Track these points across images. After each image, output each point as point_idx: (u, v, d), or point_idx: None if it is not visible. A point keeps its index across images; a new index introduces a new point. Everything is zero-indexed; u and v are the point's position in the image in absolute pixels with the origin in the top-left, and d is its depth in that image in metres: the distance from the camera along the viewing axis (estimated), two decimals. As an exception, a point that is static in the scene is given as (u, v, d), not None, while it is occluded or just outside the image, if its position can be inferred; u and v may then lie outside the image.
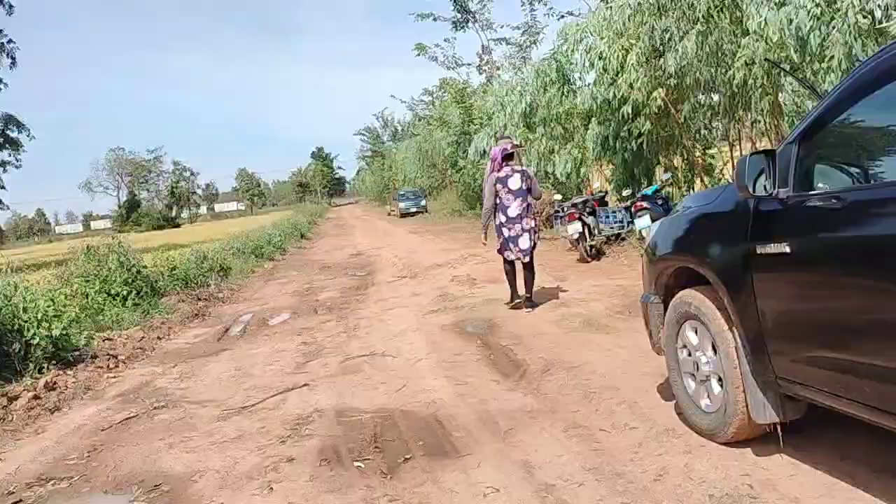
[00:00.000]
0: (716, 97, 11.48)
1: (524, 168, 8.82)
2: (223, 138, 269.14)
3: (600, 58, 11.85)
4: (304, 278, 15.65)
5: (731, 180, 5.04)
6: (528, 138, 16.18)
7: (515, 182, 8.38)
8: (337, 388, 6.15)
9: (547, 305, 8.57)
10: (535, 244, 8.67)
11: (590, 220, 12.31)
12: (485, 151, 18.04)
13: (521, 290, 8.79)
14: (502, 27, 27.68)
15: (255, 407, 5.93)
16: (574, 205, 12.63)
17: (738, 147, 12.32)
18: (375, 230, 32.37)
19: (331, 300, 11.72)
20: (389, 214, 47.13)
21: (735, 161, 11.72)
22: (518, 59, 27.19)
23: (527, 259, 8.56)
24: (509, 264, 8.80)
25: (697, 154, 13.03)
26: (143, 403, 6.50)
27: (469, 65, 30.77)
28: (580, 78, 15.45)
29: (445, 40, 29.01)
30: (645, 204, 11.52)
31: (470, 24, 27.74)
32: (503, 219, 8.50)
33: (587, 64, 12.75)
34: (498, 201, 8.49)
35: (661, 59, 11.12)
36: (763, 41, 8.49)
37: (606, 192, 14.22)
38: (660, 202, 11.86)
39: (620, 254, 12.47)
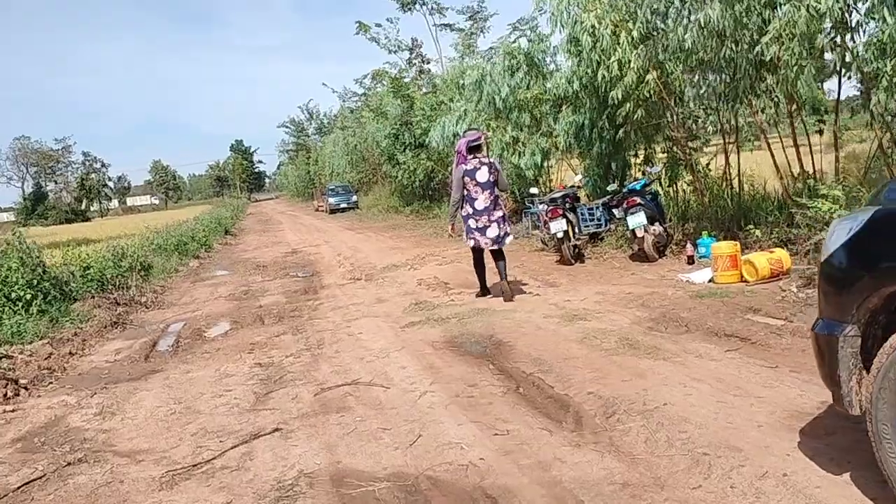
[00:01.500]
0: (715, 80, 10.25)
1: (491, 160, 8.61)
2: (138, 130, 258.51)
3: (591, 34, 10.47)
4: (238, 279, 13.83)
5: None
6: (489, 126, 14.72)
7: (483, 174, 8.29)
8: (322, 437, 4.54)
9: (556, 317, 7.13)
10: (506, 233, 8.56)
11: (572, 217, 10.96)
12: (455, 136, 16.54)
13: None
14: (449, 10, 26.14)
15: (212, 465, 4.28)
16: (554, 200, 11.25)
17: (735, 139, 11.17)
18: (306, 227, 30.41)
19: (277, 306, 10.02)
20: (317, 210, 45.05)
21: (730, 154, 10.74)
22: (464, 48, 25.66)
23: (496, 247, 8.48)
24: (477, 254, 8.71)
25: (692, 146, 11.80)
26: (53, 455, 4.79)
27: (408, 49, 29.01)
28: (552, 61, 14.11)
29: (388, 20, 27.25)
30: (638, 200, 10.22)
31: (418, 7, 26.07)
32: (470, 210, 8.40)
33: (570, 42, 11.38)
34: (465, 193, 8.37)
35: (660, 37, 9.83)
36: (804, 9, 7.26)
37: (579, 188, 12.88)
38: (649, 197, 10.61)
39: (602, 255, 11.17)
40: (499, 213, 8.45)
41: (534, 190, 13.08)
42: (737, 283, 7.80)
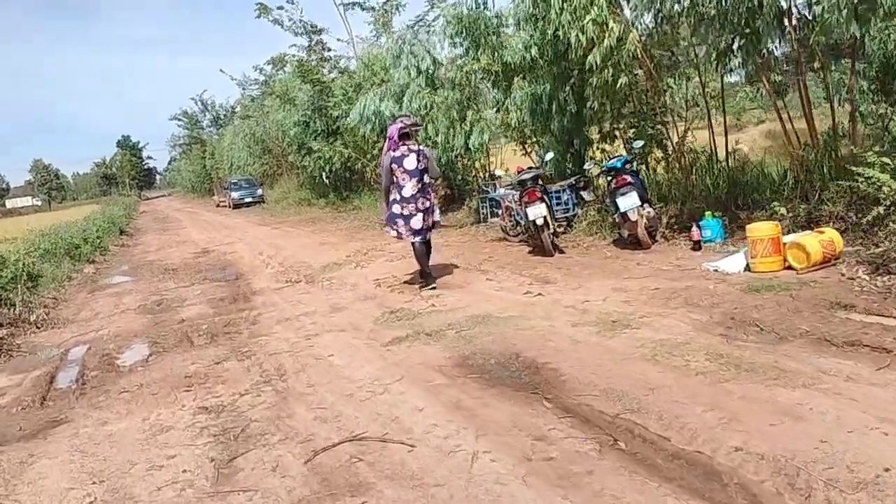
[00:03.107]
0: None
1: (420, 148, 8.37)
2: (16, 129, 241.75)
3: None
4: (146, 286, 11.72)
5: None
6: (432, 103, 13.07)
7: (411, 162, 8.12)
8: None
9: (588, 325, 5.60)
10: (431, 225, 8.39)
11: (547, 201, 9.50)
12: (376, 115, 14.79)
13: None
14: (356, -14, 24.11)
15: None
16: (523, 182, 9.75)
17: (722, 108, 9.96)
18: (210, 224, 27.92)
19: (204, 320, 8.14)
20: (218, 206, 42.15)
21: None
22: (379, 27, 23.77)
23: (419, 239, 8.26)
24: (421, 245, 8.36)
25: (664, 119, 10.50)
26: None
27: (308, 33, 26.64)
28: (501, 26, 12.53)
29: (289, 1, 24.99)
30: (629, 179, 8.84)
31: (321, -17, 24.01)
32: (397, 197, 8.22)
33: (533, 2, 9.87)
34: (394, 180, 8.20)
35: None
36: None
37: (539, 168, 11.42)
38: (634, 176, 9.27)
39: (578, 244, 9.78)
40: (426, 203, 8.26)
41: (498, 172, 11.49)
42: (782, 272, 6.48)
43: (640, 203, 8.62)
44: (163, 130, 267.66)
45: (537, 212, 9.00)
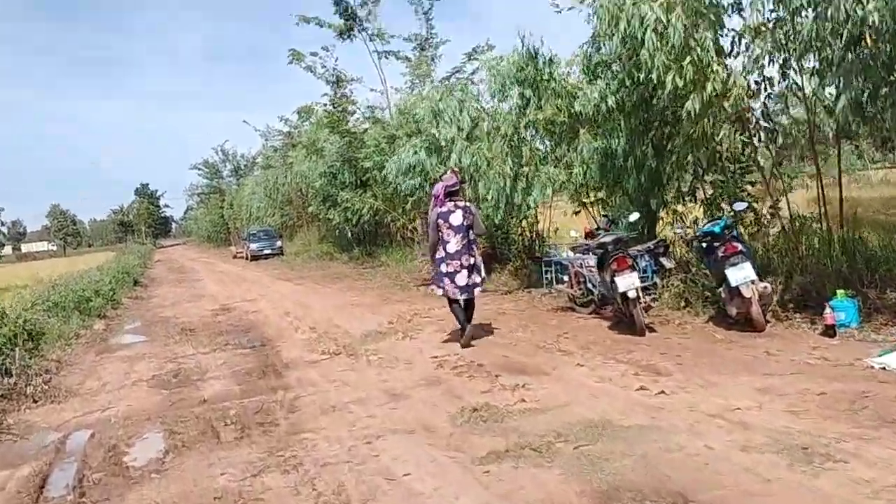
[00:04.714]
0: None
1: (467, 204, 8.43)
2: (36, 174, 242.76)
3: (657, 31, 7.74)
4: (161, 350, 10.35)
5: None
6: (483, 157, 11.76)
7: (457, 218, 8.16)
8: None
9: (764, 451, 4.10)
10: (475, 283, 8.28)
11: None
12: (412, 168, 13.54)
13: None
14: (394, 37, 23.18)
15: None
16: (602, 245, 8.37)
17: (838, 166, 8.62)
18: (228, 276, 26.63)
19: (231, 401, 6.74)
20: (235, 257, 40.93)
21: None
22: (414, 78, 22.77)
23: (464, 296, 8.23)
24: (452, 300, 8.30)
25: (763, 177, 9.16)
26: None
27: (334, 82, 25.51)
28: (558, 77, 11.31)
29: (324, 48, 24.04)
30: (740, 246, 7.46)
31: (357, 33, 23.01)
32: (443, 254, 8.21)
33: (623, 43, 8.59)
34: (440, 236, 8.21)
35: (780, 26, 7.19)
36: None
37: (615, 229, 10.02)
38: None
39: (665, 319, 8.37)
40: (471, 260, 8.21)
41: (573, 232, 10.12)
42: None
43: (755, 276, 7.21)
44: (182, 178, 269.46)
45: (629, 282, 7.60)
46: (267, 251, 35.13)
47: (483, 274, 8.44)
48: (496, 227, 14.37)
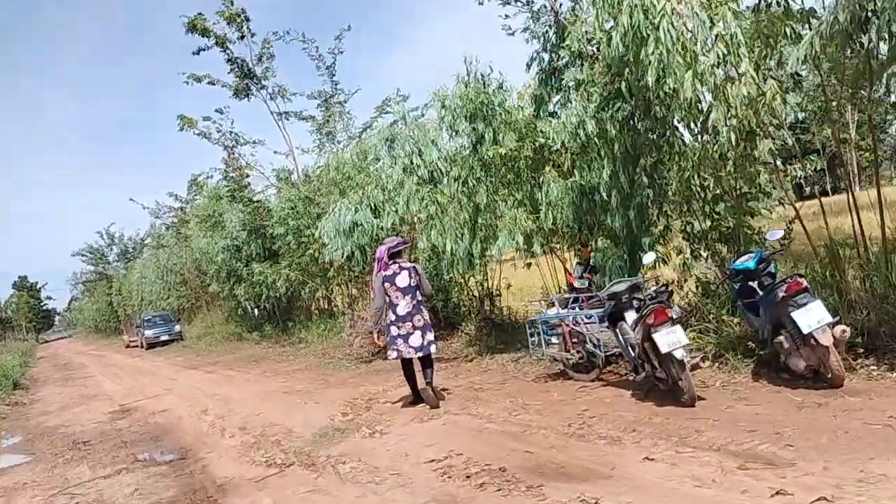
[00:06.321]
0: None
1: (412, 264, 8.17)
2: None
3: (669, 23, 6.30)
4: (48, 474, 7.95)
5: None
6: (437, 204, 10.04)
7: (403, 279, 7.96)
8: None
9: None
10: (431, 341, 7.99)
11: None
12: (355, 227, 11.65)
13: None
14: (296, 95, 21.34)
15: None
16: (615, 295, 6.76)
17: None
18: (124, 369, 23.59)
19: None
20: (128, 346, 37.49)
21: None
22: (322, 136, 20.91)
23: (421, 354, 7.93)
24: (406, 364, 8.11)
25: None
26: None
27: (257, 142, 23.26)
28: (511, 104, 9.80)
29: (218, 111, 21.91)
30: (804, 283, 5.93)
31: (255, 92, 21.07)
32: (392, 317, 7.95)
33: (624, 44, 7.09)
34: (387, 300, 7.96)
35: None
36: None
37: (593, 277, 8.43)
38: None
39: (701, 380, 6.74)
40: (421, 321, 7.99)
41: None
42: None
43: (831, 318, 5.69)
44: (65, 266, 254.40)
45: (673, 339, 5.92)
46: (164, 337, 32.31)
47: (432, 337, 8.08)
48: (437, 289, 12.67)
